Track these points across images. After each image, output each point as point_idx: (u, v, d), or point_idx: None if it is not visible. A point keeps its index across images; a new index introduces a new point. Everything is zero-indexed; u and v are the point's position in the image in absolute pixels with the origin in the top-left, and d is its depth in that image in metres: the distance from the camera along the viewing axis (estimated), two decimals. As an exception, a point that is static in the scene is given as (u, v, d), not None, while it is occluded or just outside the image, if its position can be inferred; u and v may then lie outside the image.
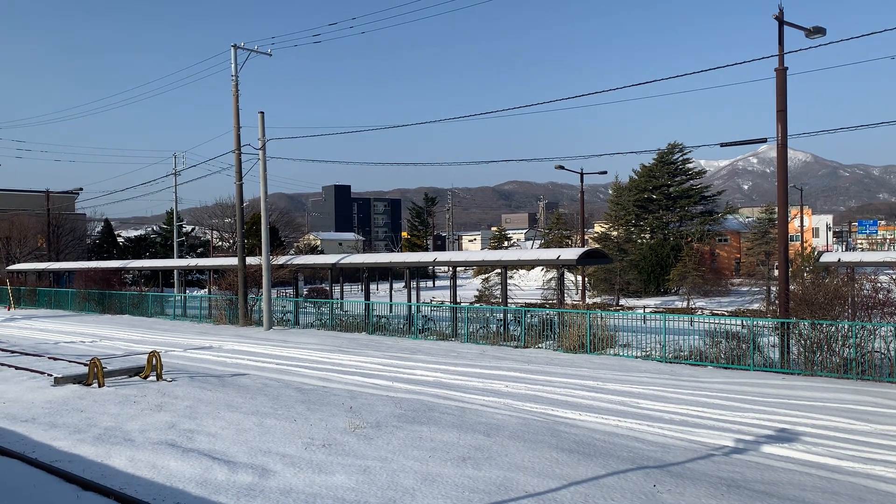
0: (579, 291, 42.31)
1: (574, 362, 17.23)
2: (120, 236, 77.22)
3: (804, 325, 15.61)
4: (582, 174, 42.18)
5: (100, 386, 13.77)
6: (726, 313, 30.35)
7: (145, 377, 14.86)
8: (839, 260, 25.91)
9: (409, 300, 25.98)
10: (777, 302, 18.65)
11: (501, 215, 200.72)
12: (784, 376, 15.12)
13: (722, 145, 20.46)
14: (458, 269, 48.82)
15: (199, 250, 72.63)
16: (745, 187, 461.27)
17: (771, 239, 46.13)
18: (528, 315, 21.38)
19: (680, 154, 55.34)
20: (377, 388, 13.89)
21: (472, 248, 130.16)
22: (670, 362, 17.22)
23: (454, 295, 25.04)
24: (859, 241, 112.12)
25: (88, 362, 14.46)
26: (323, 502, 7.23)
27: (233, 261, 31.63)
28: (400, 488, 7.60)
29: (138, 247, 72.04)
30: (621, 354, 18.46)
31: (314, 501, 7.26)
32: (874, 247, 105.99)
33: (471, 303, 36.87)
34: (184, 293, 38.12)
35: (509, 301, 28.26)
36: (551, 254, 22.71)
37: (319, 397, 12.75)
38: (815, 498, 7.40)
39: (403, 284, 30.69)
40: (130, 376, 15.00)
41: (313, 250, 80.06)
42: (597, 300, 46.02)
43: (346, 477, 8.00)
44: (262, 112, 26.65)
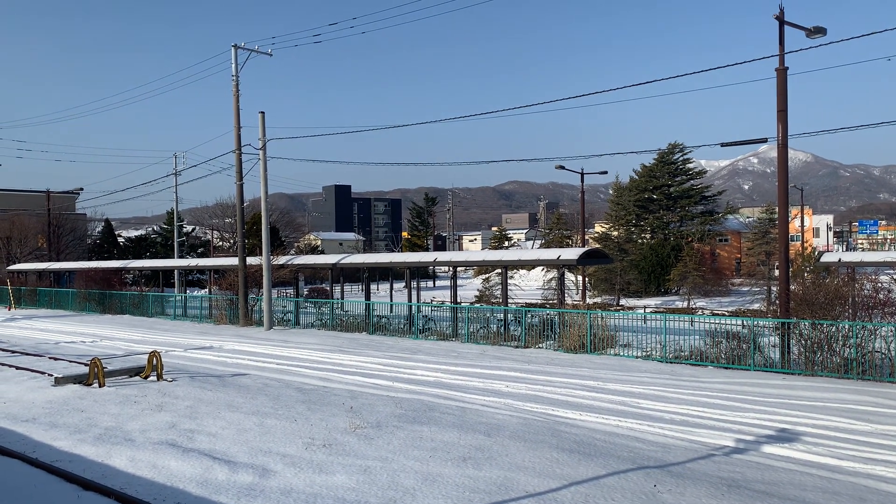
0: (580, 291, 42.31)
1: (574, 362, 17.23)
2: (120, 236, 77.26)
3: (805, 325, 15.61)
4: (582, 174, 42.17)
5: (100, 386, 13.78)
6: (727, 313, 30.35)
7: (146, 377, 14.87)
8: (840, 260, 25.91)
9: (410, 300, 25.99)
10: (777, 302, 18.64)
11: (502, 215, 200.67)
12: (785, 376, 15.12)
13: (722, 145, 20.46)
14: (459, 270, 48.81)
15: (200, 250, 72.66)
16: (746, 187, 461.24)
17: (771, 239, 46.13)
18: (529, 315, 21.38)
19: (680, 154, 55.32)
20: (378, 388, 13.90)
21: (473, 249, 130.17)
22: (671, 362, 17.22)
23: (454, 295, 25.04)
24: (860, 241, 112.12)
25: (89, 362, 14.48)
26: (324, 502, 7.23)
27: (233, 261, 31.64)
28: (400, 488, 7.60)
29: (139, 247, 72.08)
30: (622, 354, 18.46)
31: (315, 501, 7.26)
32: (875, 247, 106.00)
33: (471, 303, 36.87)
34: (184, 293, 38.13)
35: (510, 301, 28.26)
36: (552, 254, 22.71)
37: (320, 397, 12.75)
38: (816, 498, 7.40)
39: (404, 284, 30.69)
40: (131, 376, 15.01)
41: (314, 250, 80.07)
42: (597, 300, 46.03)
43: (347, 477, 8.01)
44: (263, 112, 26.69)
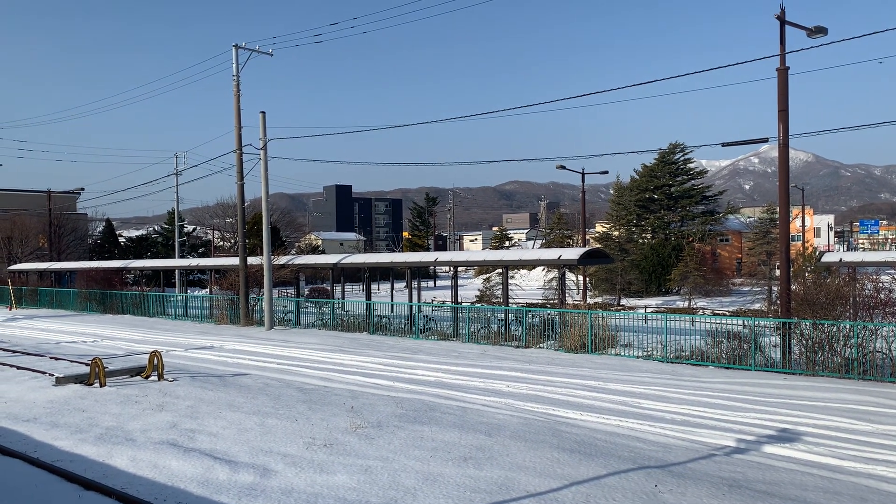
0: (580, 291, 42.32)
1: (575, 362, 17.22)
2: (121, 236, 77.31)
3: (806, 325, 15.60)
4: (583, 174, 42.15)
5: (101, 386, 13.79)
6: (728, 313, 30.34)
7: (147, 377, 14.87)
8: (841, 260, 25.88)
9: (411, 300, 25.99)
10: (778, 302, 18.63)
11: (502, 215, 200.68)
12: (786, 376, 15.11)
13: (723, 145, 20.44)
14: (460, 269, 48.82)
15: (201, 250, 72.70)
16: (747, 187, 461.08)
17: (772, 239, 46.10)
18: (530, 315, 21.37)
19: (681, 154, 55.33)
20: (378, 388, 13.90)
21: (474, 248, 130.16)
22: (672, 362, 17.21)
23: (455, 295, 25.04)
24: (861, 241, 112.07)
25: (90, 362, 14.48)
26: (324, 502, 7.23)
27: (234, 261, 31.64)
28: (401, 488, 7.60)
29: (140, 247, 72.13)
30: (623, 354, 18.45)
31: (316, 501, 7.26)
32: (876, 247, 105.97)
33: (472, 303, 36.87)
34: (185, 293, 38.14)
35: (510, 301, 28.26)
36: (552, 254, 22.70)
37: (321, 397, 12.75)
38: (817, 498, 7.40)
39: (405, 284, 30.69)
40: (132, 376, 15.02)
41: (314, 250, 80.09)
42: (598, 300, 46.04)
43: (348, 477, 8.01)
44: (264, 112, 26.69)
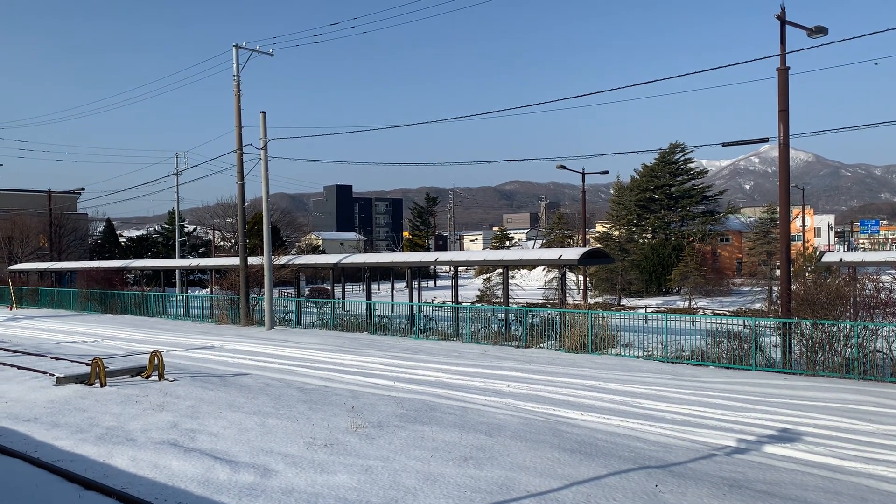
0: (581, 291, 42.32)
1: (576, 362, 17.22)
2: (122, 236, 77.33)
3: (806, 325, 15.60)
4: (583, 174, 42.14)
5: (102, 386, 13.79)
6: (728, 313, 30.33)
7: (147, 377, 14.88)
8: (841, 260, 25.88)
9: (411, 300, 25.99)
10: (779, 302, 18.63)
11: (503, 215, 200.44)
12: (786, 376, 15.11)
13: (724, 145, 20.43)
14: (460, 269, 48.82)
15: (201, 250, 72.70)
16: (747, 187, 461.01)
17: (773, 239, 46.08)
18: (530, 315, 21.37)
19: (681, 154, 55.30)
20: (379, 388, 13.90)
21: (474, 248, 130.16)
22: (672, 362, 17.21)
23: (456, 295, 25.04)
24: (861, 241, 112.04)
25: (90, 362, 14.48)
26: (325, 502, 7.24)
27: (234, 261, 31.65)
28: (402, 488, 7.61)
29: (140, 247, 72.14)
30: (623, 354, 18.45)
31: (316, 501, 7.26)
32: (876, 247, 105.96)
33: (472, 303, 36.87)
34: (186, 293, 38.15)
35: (511, 301, 28.26)
36: (553, 254, 22.70)
37: (321, 397, 12.76)
38: (818, 498, 7.40)
39: (405, 284, 30.70)
40: (132, 376, 15.02)
41: (315, 250, 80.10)
42: (598, 300, 46.03)
43: (348, 476, 8.01)
44: (264, 112, 26.70)
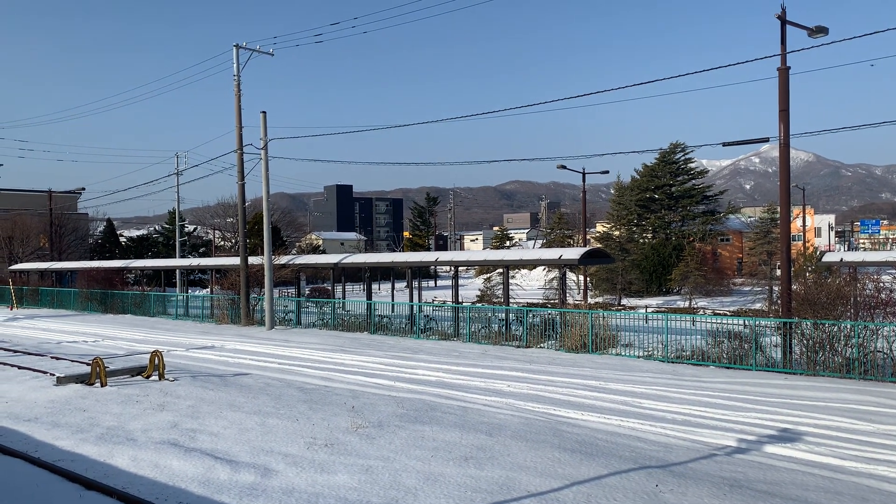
0: (581, 291, 42.31)
1: (576, 362, 17.22)
2: (122, 236, 77.34)
3: (806, 325, 15.59)
4: (584, 174, 42.13)
5: (102, 385, 13.79)
6: (728, 313, 30.32)
7: (148, 377, 14.88)
8: (841, 260, 25.90)
9: (411, 300, 25.99)
10: (779, 301, 18.62)
11: (503, 215, 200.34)
12: (786, 376, 15.11)
13: (724, 145, 20.42)
14: (460, 269, 48.82)
15: (202, 250, 72.72)
16: (748, 187, 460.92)
17: (773, 238, 46.07)
18: (530, 315, 21.37)
19: (682, 154, 55.29)
20: (379, 388, 13.90)
21: (474, 248, 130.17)
22: (672, 362, 17.21)
23: (456, 295, 25.03)
24: (862, 241, 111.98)
25: (91, 362, 14.49)
26: (325, 502, 7.23)
27: (235, 260, 31.65)
28: (402, 488, 7.61)
29: (140, 246, 72.15)
30: (623, 354, 18.45)
31: (316, 501, 7.26)
32: (876, 246, 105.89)
33: (473, 302, 36.86)
34: (186, 293, 38.16)
35: (511, 301, 28.26)
36: (553, 253, 22.69)
37: (322, 397, 12.76)
38: (818, 498, 7.40)
39: (405, 284, 30.71)
40: (133, 376, 15.02)
41: (315, 250, 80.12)
42: (599, 300, 46.03)
43: (349, 476, 8.01)
44: (265, 112, 26.70)
